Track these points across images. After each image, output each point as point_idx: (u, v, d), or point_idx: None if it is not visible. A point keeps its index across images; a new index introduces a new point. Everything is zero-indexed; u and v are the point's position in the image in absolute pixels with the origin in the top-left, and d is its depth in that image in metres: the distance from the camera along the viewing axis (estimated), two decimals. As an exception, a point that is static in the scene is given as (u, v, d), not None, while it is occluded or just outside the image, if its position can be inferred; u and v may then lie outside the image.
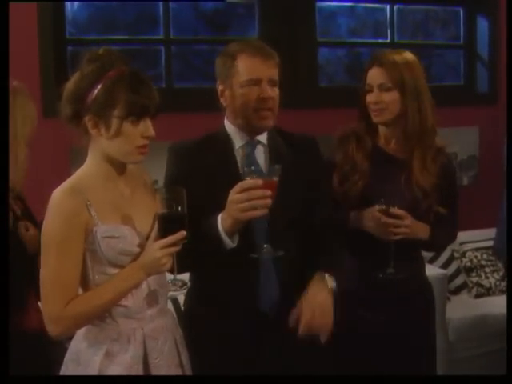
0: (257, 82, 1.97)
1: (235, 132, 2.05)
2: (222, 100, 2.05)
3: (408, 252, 2.28)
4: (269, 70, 1.99)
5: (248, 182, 1.79)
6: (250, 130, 2.03)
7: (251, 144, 2.04)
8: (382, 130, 2.30)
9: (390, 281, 2.19)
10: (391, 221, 2.14)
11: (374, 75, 2.24)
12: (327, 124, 3.70)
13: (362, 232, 2.21)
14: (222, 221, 1.83)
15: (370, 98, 2.24)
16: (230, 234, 1.84)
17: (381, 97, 2.22)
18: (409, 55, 2.27)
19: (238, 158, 2.03)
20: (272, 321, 2.01)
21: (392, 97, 2.21)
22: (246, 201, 1.77)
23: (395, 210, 2.13)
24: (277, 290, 2.02)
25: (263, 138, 2.07)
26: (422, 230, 2.23)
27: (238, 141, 2.04)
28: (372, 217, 2.17)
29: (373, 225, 2.17)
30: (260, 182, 1.78)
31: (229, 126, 2.06)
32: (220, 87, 2.04)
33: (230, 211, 1.81)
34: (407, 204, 2.19)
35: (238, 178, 1.91)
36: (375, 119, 2.26)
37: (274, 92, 1.99)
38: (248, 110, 1.98)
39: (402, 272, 2.20)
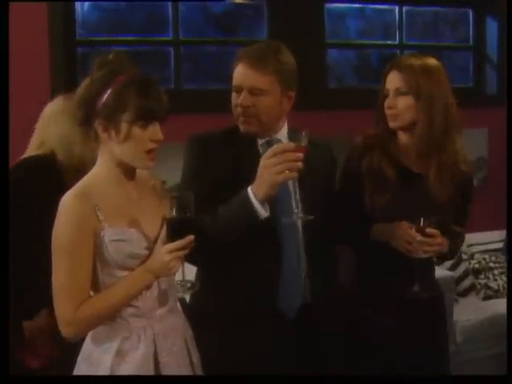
0: (238, 89, 2.02)
1: None
2: None
3: (428, 265, 2.28)
4: (253, 79, 2.00)
5: (280, 145, 1.85)
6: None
7: (270, 141, 2.07)
8: (401, 137, 2.26)
9: (413, 299, 2.17)
10: (427, 240, 2.10)
11: (392, 79, 2.21)
12: (336, 126, 3.70)
13: (382, 247, 2.19)
14: (253, 191, 1.85)
15: (386, 102, 2.22)
16: (263, 203, 1.86)
17: (396, 102, 2.19)
18: (430, 61, 2.22)
19: (262, 153, 2.03)
20: (292, 320, 2.04)
21: (407, 102, 2.17)
22: (280, 163, 1.81)
23: (431, 230, 2.10)
24: (301, 290, 2.05)
25: (283, 136, 2.09)
26: (445, 245, 2.20)
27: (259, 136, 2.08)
28: (405, 234, 2.12)
29: (403, 242, 2.13)
30: (292, 145, 1.83)
31: None
32: None
33: (263, 176, 1.83)
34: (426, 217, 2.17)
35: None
36: (390, 124, 2.22)
37: (256, 101, 2.00)
38: (234, 115, 2.05)
39: (427, 290, 2.19)
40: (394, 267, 2.21)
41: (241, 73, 2.01)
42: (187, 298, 2.36)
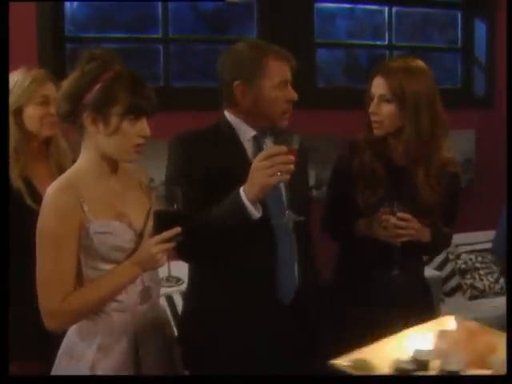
0: (285, 84, 2.03)
1: (240, 125, 2.07)
2: (239, 97, 2.04)
3: (412, 254, 2.30)
4: (289, 73, 2.05)
5: (273, 149, 1.86)
6: (264, 127, 2.07)
7: (259, 137, 2.08)
8: (389, 140, 2.27)
9: (393, 282, 2.20)
10: (400, 223, 2.13)
11: (377, 85, 2.21)
12: (325, 125, 3.71)
13: (368, 237, 2.22)
14: (245, 192, 1.87)
15: (370, 107, 2.22)
16: (254, 204, 1.88)
17: (379, 108, 2.19)
18: (416, 64, 2.23)
19: (249, 149, 2.06)
20: (290, 310, 2.06)
21: (390, 110, 2.18)
22: (271, 166, 1.83)
23: (403, 214, 2.13)
24: (295, 277, 2.08)
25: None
26: (425, 234, 2.23)
27: (245, 133, 2.07)
28: (380, 219, 2.16)
29: (380, 228, 2.16)
30: (284, 148, 1.84)
31: (232, 119, 2.08)
32: (240, 86, 2.02)
33: (255, 179, 1.85)
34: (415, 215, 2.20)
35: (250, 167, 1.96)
36: (374, 131, 2.23)
37: None
38: (277, 111, 2.03)
39: (407, 274, 2.21)
40: (378, 258, 2.23)
41: (284, 67, 2.03)
42: (175, 296, 2.37)
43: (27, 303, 1.77)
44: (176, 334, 2.07)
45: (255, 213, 1.88)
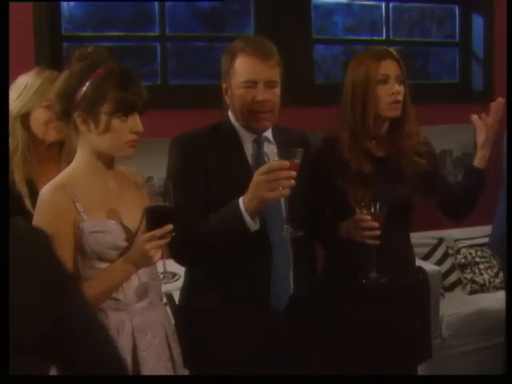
0: (253, 83, 1.98)
1: (240, 127, 2.07)
2: (225, 98, 2.07)
3: (397, 246, 2.29)
4: (267, 72, 1.99)
5: (275, 163, 1.83)
6: (254, 129, 2.06)
7: (259, 140, 2.07)
8: (381, 127, 2.25)
9: (374, 284, 2.19)
10: (364, 224, 2.12)
11: (391, 66, 2.19)
12: (323, 121, 3.70)
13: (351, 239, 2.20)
14: (244, 203, 1.84)
15: (387, 89, 2.18)
16: (253, 216, 1.86)
17: (398, 88, 2.19)
18: None
19: (248, 153, 2.05)
20: (283, 316, 2.06)
21: (404, 90, 2.20)
22: (273, 181, 1.80)
23: (360, 216, 2.11)
24: (289, 283, 2.07)
25: (268, 134, 2.09)
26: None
27: (245, 136, 2.06)
28: (354, 221, 2.15)
29: (357, 230, 2.14)
30: (286, 163, 1.82)
31: (234, 120, 2.08)
32: (224, 85, 2.06)
33: (256, 191, 1.82)
34: (404, 202, 2.20)
35: (249, 171, 1.96)
36: (390, 112, 2.19)
37: (272, 94, 2.00)
38: (244, 111, 2.00)
39: (388, 273, 2.20)
40: (361, 260, 2.21)
41: (252, 66, 1.98)
42: (175, 294, 2.37)
43: None
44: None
45: (253, 225, 1.87)
